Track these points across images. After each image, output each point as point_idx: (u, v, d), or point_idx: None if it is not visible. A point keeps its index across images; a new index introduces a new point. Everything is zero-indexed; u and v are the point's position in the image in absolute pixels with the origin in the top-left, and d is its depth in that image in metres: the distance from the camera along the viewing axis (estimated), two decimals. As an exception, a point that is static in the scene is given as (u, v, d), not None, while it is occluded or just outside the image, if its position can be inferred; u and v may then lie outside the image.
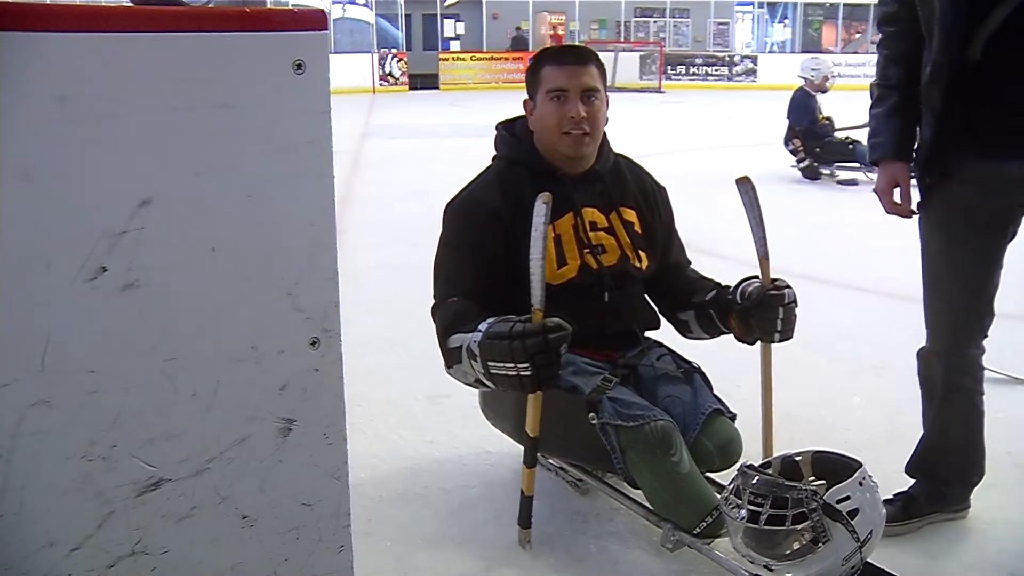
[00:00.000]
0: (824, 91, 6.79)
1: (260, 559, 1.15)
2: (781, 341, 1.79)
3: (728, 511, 1.47)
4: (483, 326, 1.55)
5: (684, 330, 1.97)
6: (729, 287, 1.86)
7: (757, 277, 1.80)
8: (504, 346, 1.49)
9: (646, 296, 1.94)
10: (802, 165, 6.77)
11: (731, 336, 1.88)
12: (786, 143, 6.81)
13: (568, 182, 1.79)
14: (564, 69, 1.75)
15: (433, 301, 1.75)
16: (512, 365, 1.49)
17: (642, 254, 1.86)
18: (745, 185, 1.74)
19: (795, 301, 1.78)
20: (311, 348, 1.11)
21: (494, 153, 1.90)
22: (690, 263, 2.00)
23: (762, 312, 1.75)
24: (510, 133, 1.87)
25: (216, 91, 1.00)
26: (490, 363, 1.52)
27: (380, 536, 1.77)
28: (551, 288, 1.76)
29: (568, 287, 1.77)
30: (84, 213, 0.97)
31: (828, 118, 6.80)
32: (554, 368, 1.50)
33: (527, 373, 1.49)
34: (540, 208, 1.51)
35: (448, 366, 1.67)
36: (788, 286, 1.78)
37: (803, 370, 2.69)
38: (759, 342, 1.81)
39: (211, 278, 1.04)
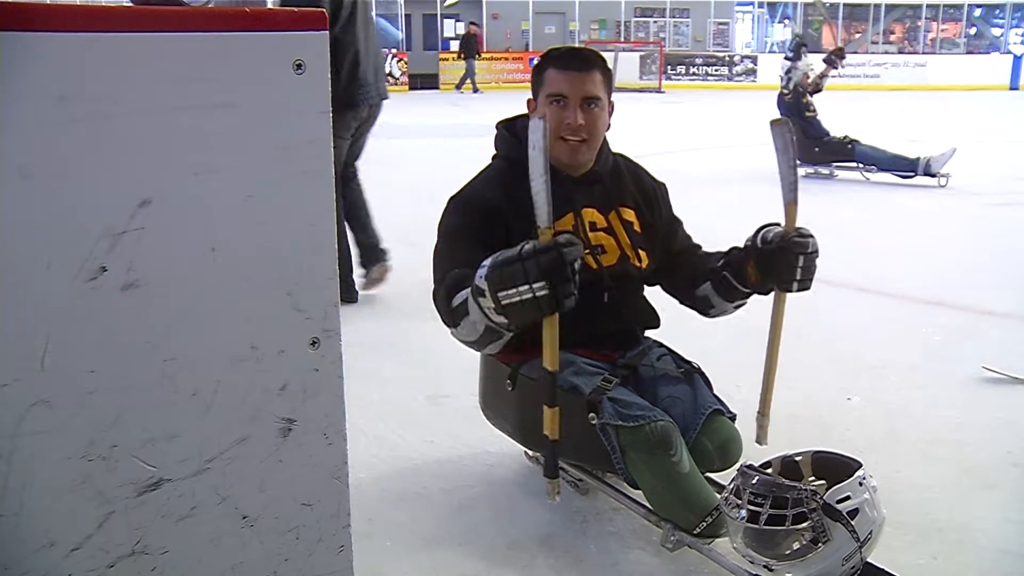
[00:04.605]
0: (806, 86, 6.78)
1: (260, 559, 1.15)
2: (799, 291, 1.72)
3: (728, 511, 1.47)
4: (487, 261, 1.49)
5: (706, 307, 1.92)
6: (739, 247, 1.82)
7: (779, 224, 1.75)
8: (516, 269, 1.43)
9: (645, 296, 1.94)
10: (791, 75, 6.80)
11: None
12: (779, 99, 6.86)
13: (568, 183, 1.79)
14: (566, 75, 1.74)
15: (433, 288, 1.70)
16: (527, 287, 1.42)
17: (642, 253, 1.85)
18: (781, 127, 1.67)
19: (818, 251, 1.72)
20: (311, 348, 1.11)
21: (494, 152, 1.90)
22: (700, 247, 1.97)
23: (783, 257, 1.70)
24: (510, 132, 1.87)
25: (216, 91, 1.00)
26: (501, 293, 1.45)
27: (380, 536, 1.77)
28: None
29: None
30: (84, 213, 0.96)
31: (810, 104, 6.78)
32: (571, 285, 1.42)
33: (543, 293, 1.42)
34: (538, 125, 1.42)
35: (454, 325, 1.62)
36: (812, 235, 1.72)
37: (803, 370, 2.69)
38: (773, 292, 1.76)
39: (211, 278, 1.04)
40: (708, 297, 1.89)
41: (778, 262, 1.71)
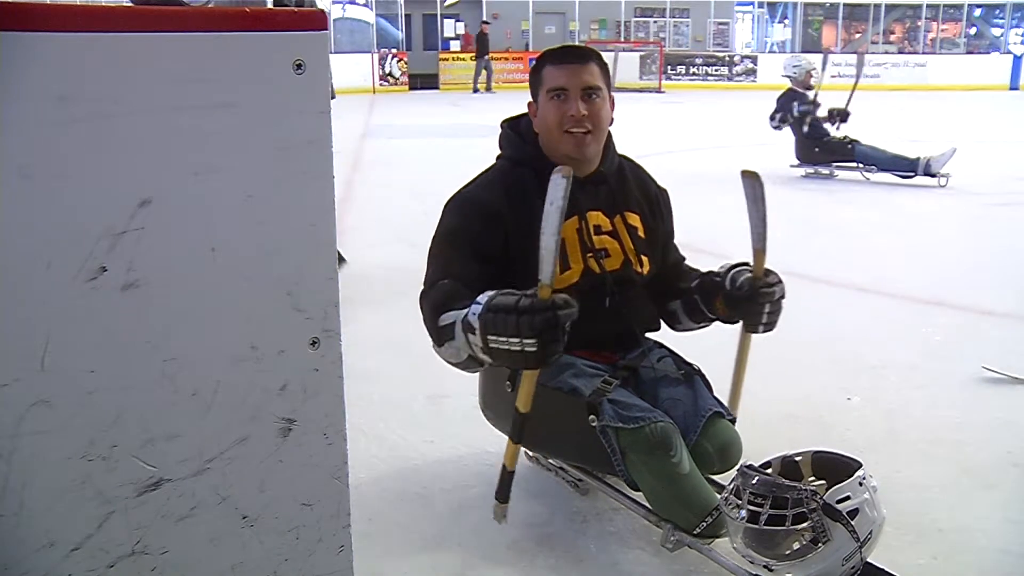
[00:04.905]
0: (810, 87, 6.78)
1: (260, 559, 1.15)
2: (764, 332, 1.83)
3: (728, 511, 1.47)
4: (483, 298, 1.49)
5: (673, 322, 1.98)
6: (712, 272, 1.88)
7: (748, 264, 1.81)
8: (510, 320, 1.43)
9: (646, 297, 1.93)
10: (784, 124, 6.80)
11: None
12: (771, 120, 6.83)
13: (573, 184, 1.78)
14: (564, 68, 1.74)
15: (422, 288, 1.70)
16: (517, 340, 1.43)
17: (644, 259, 1.85)
18: (751, 179, 1.73)
19: (784, 295, 1.81)
20: (311, 348, 1.11)
21: (498, 152, 1.90)
22: (684, 258, 2.02)
23: (750, 306, 1.79)
24: (515, 132, 1.87)
25: (216, 91, 1.00)
26: (491, 337, 1.46)
27: (380, 536, 1.77)
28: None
29: (569, 291, 1.76)
30: (84, 213, 0.97)
31: (814, 103, 6.78)
32: (560, 345, 1.44)
33: (532, 349, 1.43)
34: (560, 182, 1.42)
35: (439, 344, 1.62)
36: (780, 281, 1.81)
37: (803, 370, 2.70)
38: (740, 325, 1.85)
39: (211, 278, 1.04)
40: (676, 313, 1.96)
41: (746, 308, 1.80)
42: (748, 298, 1.78)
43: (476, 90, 18.65)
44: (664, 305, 1.96)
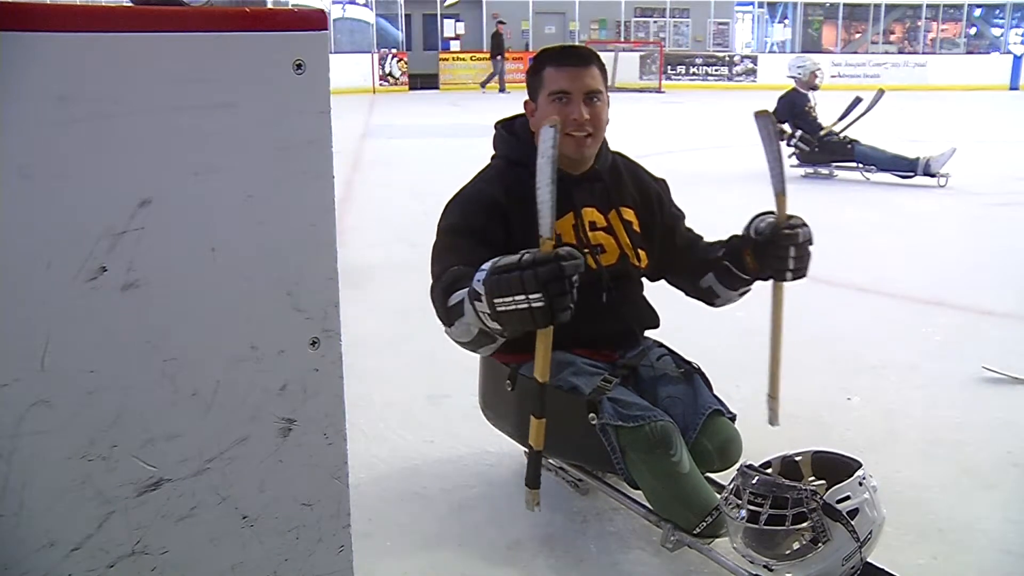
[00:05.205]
0: (815, 88, 6.78)
1: (260, 559, 1.15)
2: (794, 279, 1.72)
3: (728, 511, 1.47)
4: (486, 265, 1.47)
5: (711, 297, 1.91)
6: (737, 235, 1.82)
7: (772, 212, 1.75)
8: (514, 278, 1.39)
9: (645, 296, 1.94)
10: (792, 152, 6.80)
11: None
12: None
13: (568, 182, 1.79)
14: (566, 71, 1.74)
15: (431, 283, 1.68)
16: (523, 297, 1.39)
17: (641, 253, 1.85)
18: (764, 119, 1.68)
19: (811, 240, 1.72)
20: (311, 348, 1.11)
21: (493, 153, 1.90)
22: (701, 238, 1.97)
23: (774, 250, 1.70)
24: (509, 132, 1.87)
25: (216, 91, 1.00)
26: (497, 300, 1.42)
27: (380, 536, 1.77)
28: None
29: None
30: (84, 213, 0.96)
31: (812, 108, 6.78)
32: (567, 299, 1.41)
33: (540, 304, 1.39)
34: (548, 132, 1.41)
35: (449, 325, 1.60)
36: (804, 224, 1.72)
37: (803, 370, 2.69)
38: (771, 280, 1.76)
39: (211, 278, 1.04)
40: (712, 287, 1.89)
41: (770, 254, 1.71)
42: (771, 241, 1.70)
43: (503, 89, 18.60)
44: (696, 285, 1.91)
